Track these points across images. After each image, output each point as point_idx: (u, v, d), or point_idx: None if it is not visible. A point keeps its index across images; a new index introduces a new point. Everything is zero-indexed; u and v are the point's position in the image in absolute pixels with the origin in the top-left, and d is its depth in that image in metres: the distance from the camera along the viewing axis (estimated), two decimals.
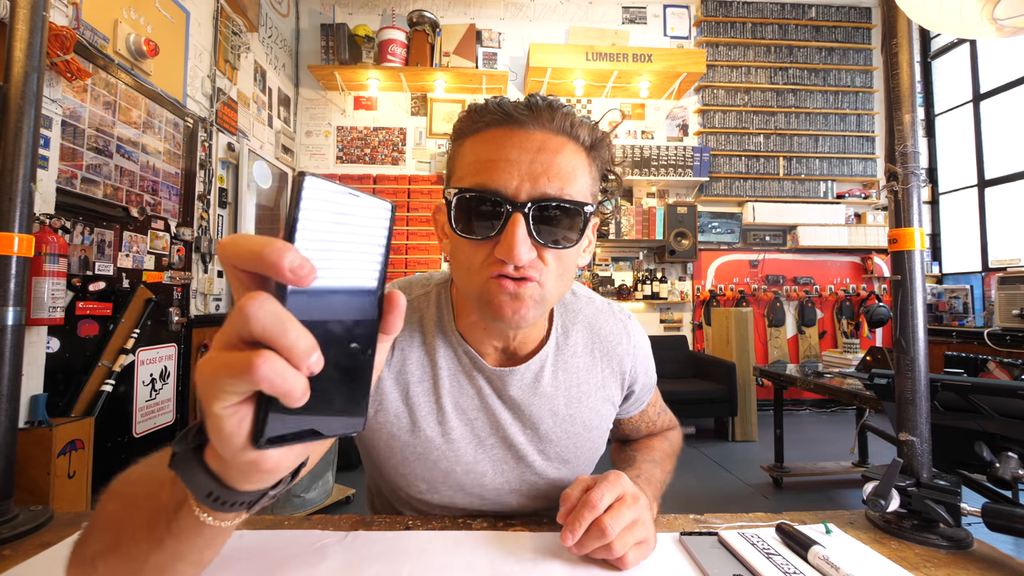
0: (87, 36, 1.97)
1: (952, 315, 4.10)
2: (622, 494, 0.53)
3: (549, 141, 0.53)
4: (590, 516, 0.51)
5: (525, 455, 0.66)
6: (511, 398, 0.65)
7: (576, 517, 0.51)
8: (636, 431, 0.84)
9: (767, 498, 2.60)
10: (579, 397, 0.68)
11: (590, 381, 0.69)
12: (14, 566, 0.51)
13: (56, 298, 1.66)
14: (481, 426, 0.65)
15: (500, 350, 0.66)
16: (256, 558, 0.53)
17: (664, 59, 4.00)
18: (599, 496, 0.52)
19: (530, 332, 0.66)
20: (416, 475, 0.65)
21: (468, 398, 0.65)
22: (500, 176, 0.51)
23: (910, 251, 0.68)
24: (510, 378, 0.64)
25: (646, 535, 0.53)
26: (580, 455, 0.69)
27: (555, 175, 0.52)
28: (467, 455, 0.65)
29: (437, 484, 0.65)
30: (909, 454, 0.66)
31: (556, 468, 0.68)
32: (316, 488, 2.29)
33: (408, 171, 4.21)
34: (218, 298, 2.94)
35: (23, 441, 1.53)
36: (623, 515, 0.51)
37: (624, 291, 4.24)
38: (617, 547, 0.50)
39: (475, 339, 0.65)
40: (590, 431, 0.69)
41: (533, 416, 0.66)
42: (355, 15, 4.25)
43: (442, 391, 0.64)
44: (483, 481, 0.66)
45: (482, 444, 0.65)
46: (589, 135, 0.56)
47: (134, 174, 2.25)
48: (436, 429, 0.64)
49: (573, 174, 0.53)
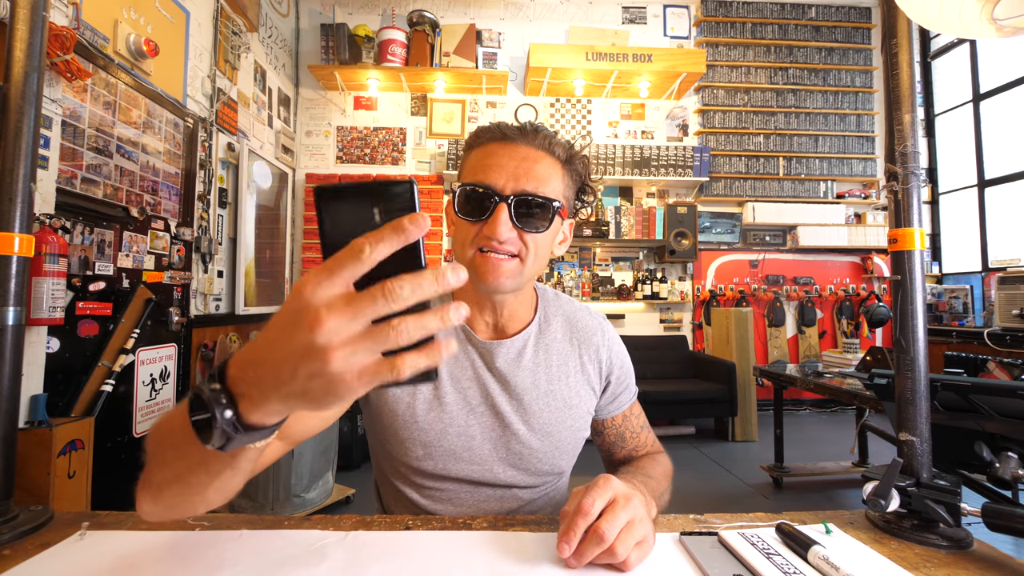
0: (87, 36, 1.97)
1: (952, 315, 4.10)
2: (614, 496, 0.53)
3: (531, 154, 0.69)
4: (584, 523, 0.50)
5: (510, 423, 0.74)
6: (498, 369, 0.76)
7: (570, 526, 0.51)
8: (620, 439, 0.84)
9: (767, 498, 2.60)
10: (559, 376, 0.78)
11: (569, 364, 0.79)
12: (14, 566, 0.51)
13: (56, 298, 1.66)
14: (472, 395, 0.75)
15: (491, 326, 0.77)
16: (256, 558, 0.53)
17: (664, 59, 4.00)
18: (590, 502, 0.51)
19: (516, 312, 0.78)
20: (413, 439, 0.73)
21: (461, 369, 0.76)
22: (492, 175, 0.68)
23: (910, 251, 0.68)
24: (498, 350, 0.76)
25: (644, 533, 0.52)
26: (562, 431, 0.76)
27: (533, 178, 0.68)
28: (459, 419, 0.74)
29: (432, 449, 0.73)
30: (909, 454, 0.66)
31: (539, 440, 0.75)
32: (316, 488, 2.30)
33: (408, 171, 4.21)
34: (218, 298, 2.94)
35: (23, 441, 1.53)
36: (618, 517, 0.51)
37: (624, 291, 4.24)
38: (620, 551, 0.50)
39: (470, 316, 0.76)
40: (571, 408, 0.77)
41: (517, 387, 0.75)
42: (355, 15, 4.25)
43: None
44: (472, 445, 0.74)
45: (473, 411, 0.75)
46: (564, 152, 0.72)
47: (134, 174, 2.25)
48: (432, 393, 0.74)
49: (547, 179, 0.69)
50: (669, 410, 3.53)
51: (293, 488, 2.19)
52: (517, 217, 0.66)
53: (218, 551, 0.54)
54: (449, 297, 0.77)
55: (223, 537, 0.57)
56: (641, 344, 4.13)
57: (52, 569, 0.51)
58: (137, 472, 0.47)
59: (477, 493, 0.75)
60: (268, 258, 3.51)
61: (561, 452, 0.77)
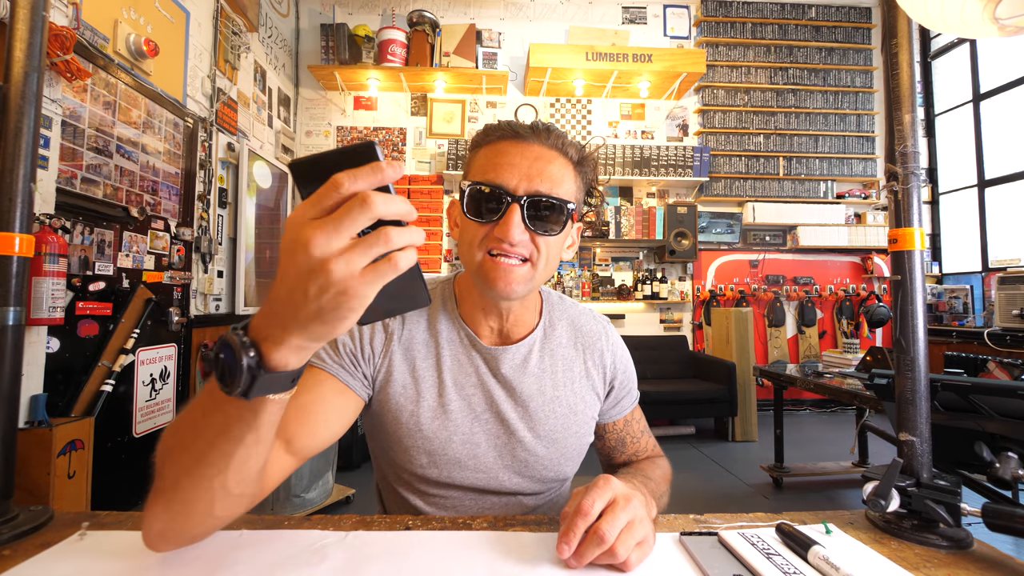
0: (87, 36, 1.97)
1: (952, 315, 4.10)
2: (614, 497, 0.52)
3: (544, 153, 0.66)
4: (584, 524, 0.50)
5: (516, 430, 0.73)
6: (503, 376, 0.74)
7: (570, 527, 0.50)
8: (621, 444, 0.84)
9: (767, 498, 2.60)
10: (564, 382, 0.77)
11: (574, 369, 0.78)
12: (14, 566, 0.51)
13: (56, 298, 1.66)
14: (477, 401, 0.73)
15: (496, 332, 0.75)
16: (256, 558, 0.53)
17: (664, 59, 4.00)
18: (590, 503, 0.51)
19: (522, 317, 0.76)
20: (418, 447, 0.71)
21: (466, 375, 0.74)
22: (504, 175, 0.64)
23: (910, 251, 0.68)
24: (503, 356, 0.74)
25: (644, 533, 0.52)
26: (567, 438, 0.75)
27: (546, 178, 0.65)
28: (463, 427, 0.72)
29: (436, 456, 0.71)
30: (909, 454, 0.66)
31: (545, 447, 0.74)
32: (316, 488, 2.30)
33: (408, 171, 4.21)
34: (218, 298, 2.94)
35: (23, 441, 1.53)
36: (618, 518, 0.50)
37: (624, 291, 4.24)
38: (620, 551, 0.49)
39: (474, 322, 0.75)
40: (576, 415, 0.76)
41: (523, 393, 0.74)
42: (355, 15, 4.25)
43: (443, 367, 0.73)
44: (477, 453, 0.72)
45: (477, 418, 0.73)
46: (576, 153, 0.70)
47: (134, 174, 2.25)
48: (436, 401, 0.72)
49: (561, 180, 0.66)
50: (669, 410, 3.53)
51: (293, 488, 2.19)
52: (530, 219, 0.64)
53: (218, 551, 0.54)
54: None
55: (223, 537, 0.57)
56: (641, 344, 4.13)
57: (52, 569, 0.51)
58: (137, 471, 0.47)
59: (482, 500, 0.74)
60: (268, 258, 3.51)
61: (567, 459, 0.76)
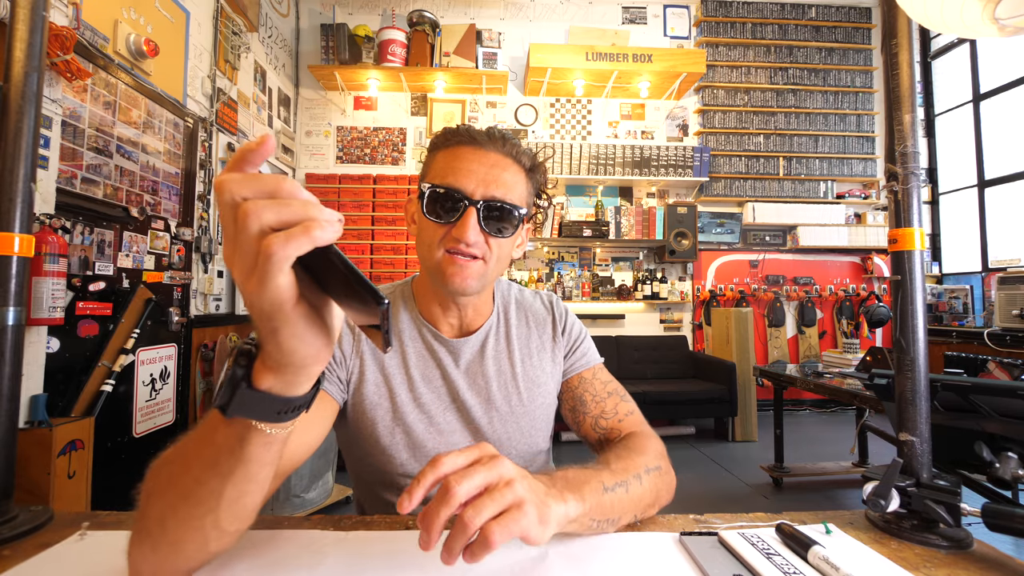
0: (87, 36, 1.97)
1: (952, 315, 4.10)
2: (479, 456, 0.46)
3: (500, 160, 0.71)
4: (447, 512, 0.42)
5: (482, 415, 0.78)
6: (465, 365, 0.79)
7: (431, 515, 0.41)
8: (580, 403, 0.81)
9: (767, 498, 2.60)
10: (522, 358, 0.82)
11: (531, 344, 0.84)
12: (14, 566, 0.51)
13: (56, 298, 1.66)
14: (444, 393, 0.78)
15: (456, 327, 0.81)
16: (256, 558, 0.53)
17: (664, 59, 4.00)
18: (457, 484, 0.42)
19: (479, 309, 0.81)
20: (397, 444, 0.74)
21: (432, 368, 0.78)
22: (463, 179, 0.69)
23: (910, 251, 0.68)
24: (463, 348, 0.79)
25: (511, 500, 0.43)
26: (535, 410, 0.80)
27: (501, 184, 0.70)
28: (437, 417, 0.77)
29: (416, 451, 0.75)
30: (909, 454, 0.66)
31: (513, 424, 0.79)
32: (316, 488, 2.30)
33: (408, 171, 4.21)
34: (218, 298, 2.94)
35: (23, 441, 1.53)
36: (474, 480, 0.43)
37: (624, 291, 4.24)
38: (471, 519, 0.41)
39: (433, 318, 0.80)
40: (539, 386, 0.82)
41: (485, 375, 0.79)
42: (355, 15, 4.25)
43: (410, 364, 0.78)
44: (451, 442, 0.76)
45: (448, 408, 0.78)
46: (529, 161, 0.75)
47: (134, 174, 2.25)
48: (408, 395, 0.76)
49: (513, 186, 0.72)
50: (669, 410, 3.53)
51: (293, 488, 2.20)
52: (484, 221, 0.69)
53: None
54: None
55: None
56: (641, 344, 4.13)
57: (52, 569, 0.51)
58: (137, 471, 0.47)
59: None
60: None
61: (536, 429, 0.81)
